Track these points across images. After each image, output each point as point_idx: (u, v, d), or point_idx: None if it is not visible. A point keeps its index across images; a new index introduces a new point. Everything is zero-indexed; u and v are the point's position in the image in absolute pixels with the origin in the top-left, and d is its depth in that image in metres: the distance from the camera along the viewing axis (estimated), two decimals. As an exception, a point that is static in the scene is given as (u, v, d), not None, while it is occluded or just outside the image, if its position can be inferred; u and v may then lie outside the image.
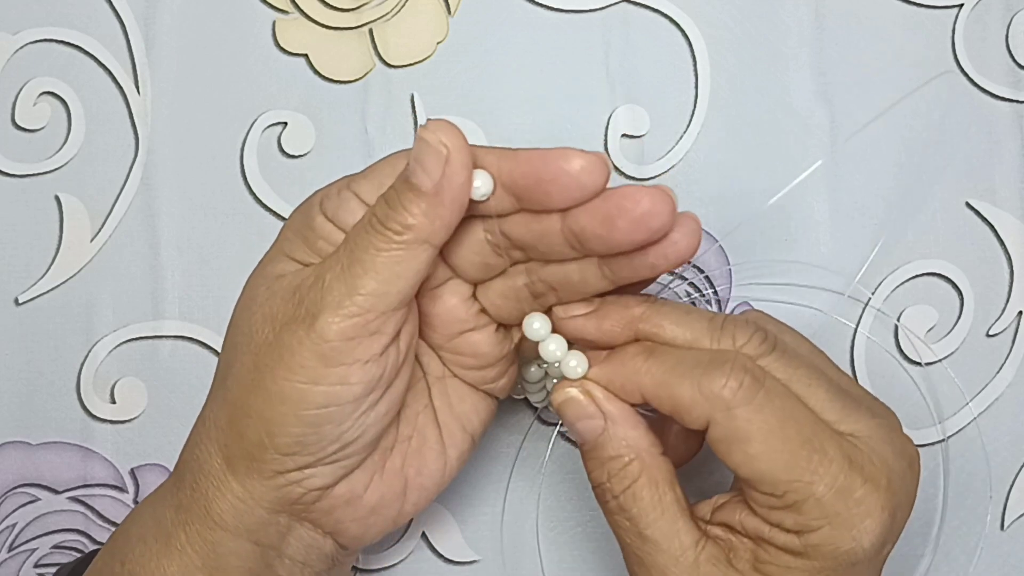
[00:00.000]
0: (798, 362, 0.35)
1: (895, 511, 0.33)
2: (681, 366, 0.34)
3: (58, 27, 0.46)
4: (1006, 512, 0.44)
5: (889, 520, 0.33)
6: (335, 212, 0.34)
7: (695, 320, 0.35)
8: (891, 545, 0.35)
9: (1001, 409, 0.44)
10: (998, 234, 0.45)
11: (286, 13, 0.46)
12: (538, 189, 0.32)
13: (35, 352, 0.45)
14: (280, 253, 0.35)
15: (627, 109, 0.45)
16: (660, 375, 0.34)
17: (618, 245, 0.32)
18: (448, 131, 0.32)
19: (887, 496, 0.33)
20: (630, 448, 0.35)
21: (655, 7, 0.46)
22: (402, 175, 0.33)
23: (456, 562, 0.44)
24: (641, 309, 0.35)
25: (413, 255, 0.32)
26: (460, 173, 0.32)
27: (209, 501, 0.35)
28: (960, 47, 0.45)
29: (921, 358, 0.44)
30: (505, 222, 0.34)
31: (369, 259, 0.32)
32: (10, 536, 0.45)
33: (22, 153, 0.46)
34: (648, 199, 0.31)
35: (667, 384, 0.34)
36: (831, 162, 0.45)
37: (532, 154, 0.32)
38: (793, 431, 0.33)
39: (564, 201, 0.32)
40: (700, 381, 0.33)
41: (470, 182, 0.32)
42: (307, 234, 0.35)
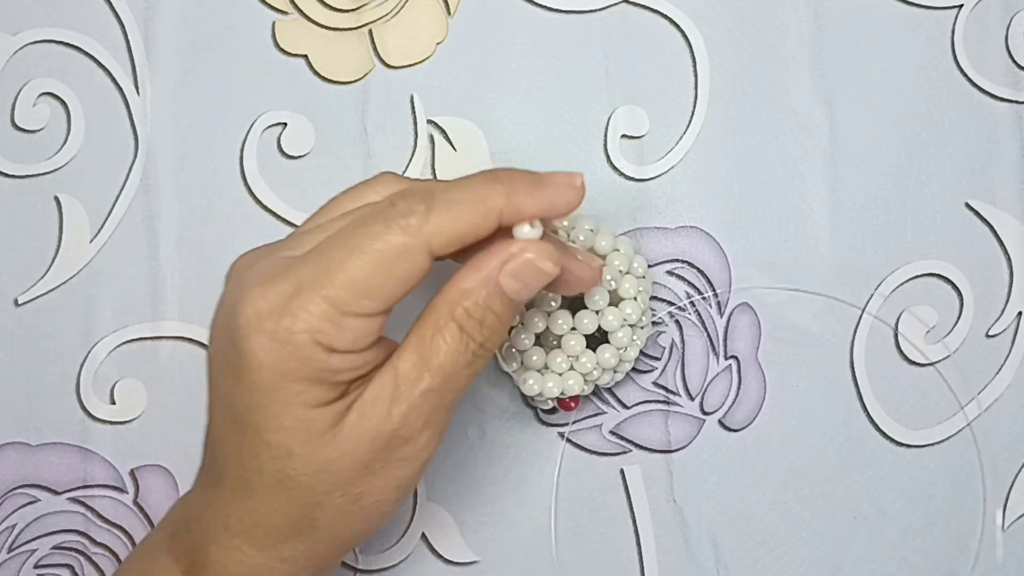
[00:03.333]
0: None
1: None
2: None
3: (58, 28, 0.46)
4: (1006, 512, 0.44)
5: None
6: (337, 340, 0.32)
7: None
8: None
9: (1001, 409, 0.44)
10: (997, 235, 0.45)
11: (286, 14, 0.46)
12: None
13: (35, 353, 0.45)
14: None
15: (627, 109, 0.45)
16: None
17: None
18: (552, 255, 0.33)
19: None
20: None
21: (655, 8, 0.46)
22: (495, 289, 0.33)
23: (456, 563, 0.44)
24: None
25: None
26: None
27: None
28: (960, 48, 0.45)
29: (921, 359, 0.44)
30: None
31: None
32: (10, 537, 0.45)
33: (21, 154, 0.46)
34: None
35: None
36: (831, 162, 0.45)
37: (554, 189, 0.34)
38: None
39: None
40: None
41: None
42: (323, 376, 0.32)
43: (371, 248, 0.31)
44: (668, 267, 0.45)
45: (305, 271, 0.32)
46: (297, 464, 0.32)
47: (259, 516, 0.33)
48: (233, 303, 0.32)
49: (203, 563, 0.34)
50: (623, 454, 0.44)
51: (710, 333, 0.44)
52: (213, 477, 0.35)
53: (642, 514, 0.44)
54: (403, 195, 0.32)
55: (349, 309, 0.31)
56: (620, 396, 0.44)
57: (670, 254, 0.45)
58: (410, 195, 0.32)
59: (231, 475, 0.34)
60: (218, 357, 0.33)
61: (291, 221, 0.45)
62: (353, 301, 0.31)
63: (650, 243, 0.45)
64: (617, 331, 0.40)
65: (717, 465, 0.44)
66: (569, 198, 0.34)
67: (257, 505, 0.33)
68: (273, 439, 0.32)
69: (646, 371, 0.44)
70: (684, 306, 0.44)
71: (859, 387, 0.44)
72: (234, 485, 0.33)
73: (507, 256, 0.33)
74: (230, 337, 0.32)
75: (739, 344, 0.44)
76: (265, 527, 0.33)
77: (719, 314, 0.44)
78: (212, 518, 0.34)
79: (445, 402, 0.33)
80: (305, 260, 0.32)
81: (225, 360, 0.33)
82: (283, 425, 0.32)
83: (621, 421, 0.44)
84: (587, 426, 0.44)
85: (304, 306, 0.31)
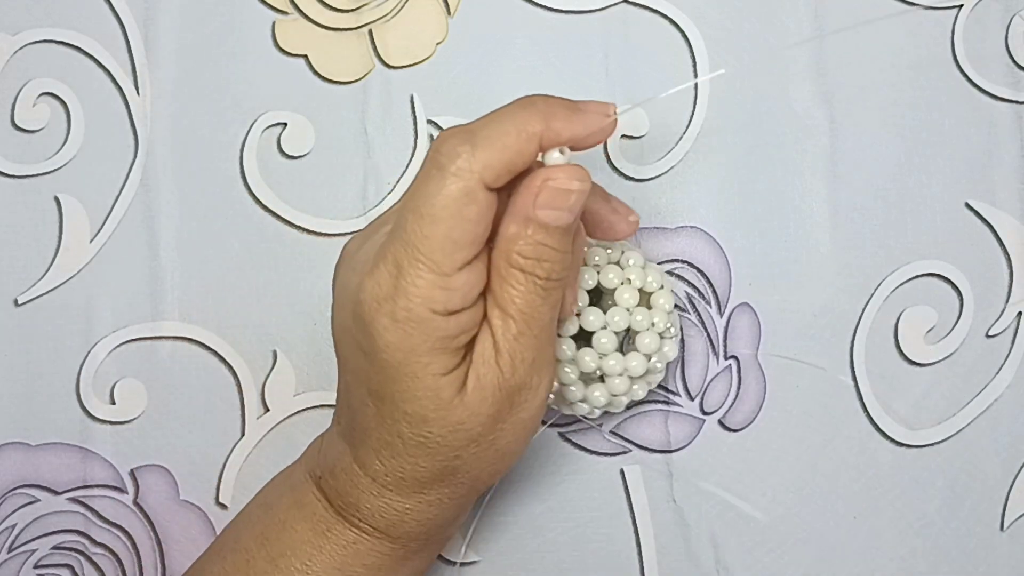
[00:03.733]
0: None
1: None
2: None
3: (57, 28, 0.46)
4: (1006, 512, 0.44)
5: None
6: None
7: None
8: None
9: (1001, 409, 0.44)
10: (997, 235, 0.45)
11: (286, 14, 0.46)
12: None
13: (34, 353, 0.45)
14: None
15: (627, 110, 0.45)
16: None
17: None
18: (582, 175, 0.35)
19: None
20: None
21: (654, 8, 0.46)
22: (536, 224, 0.34)
23: (456, 563, 0.44)
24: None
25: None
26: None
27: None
28: (959, 48, 0.45)
29: (921, 359, 0.44)
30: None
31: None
32: (10, 537, 0.44)
33: (21, 154, 0.46)
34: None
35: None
36: (831, 162, 0.45)
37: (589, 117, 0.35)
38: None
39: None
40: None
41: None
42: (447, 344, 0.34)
43: (436, 207, 0.33)
44: (668, 267, 0.45)
45: (398, 248, 0.33)
46: (433, 428, 0.35)
47: (404, 472, 0.36)
48: (355, 291, 0.35)
49: (355, 507, 0.37)
50: (623, 454, 0.44)
51: (710, 333, 0.44)
52: (357, 436, 0.37)
53: (642, 514, 0.44)
54: (444, 139, 0.34)
55: (449, 268, 0.33)
56: (620, 396, 0.44)
57: (670, 254, 0.45)
58: (451, 137, 0.33)
59: (374, 438, 0.36)
60: (347, 337, 0.36)
61: (291, 221, 0.45)
62: (448, 260, 0.33)
63: (650, 243, 0.45)
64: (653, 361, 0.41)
65: (717, 465, 0.44)
66: (603, 125, 0.35)
67: (402, 463, 0.36)
68: (409, 408, 0.34)
69: (646, 371, 0.44)
70: (684, 307, 0.44)
71: (859, 387, 0.44)
72: (378, 446, 0.36)
73: (534, 191, 0.34)
74: (356, 321, 0.34)
75: (739, 344, 0.44)
76: (410, 480, 0.36)
77: (719, 314, 0.44)
78: (359, 471, 0.37)
79: (540, 340, 0.35)
80: (393, 237, 0.34)
81: (355, 341, 0.35)
82: (416, 396, 0.34)
83: (621, 421, 0.44)
84: (587, 426, 0.44)
85: (412, 282, 0.33)
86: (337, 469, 0.37)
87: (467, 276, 0.33)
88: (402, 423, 0.35)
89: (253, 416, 0.45)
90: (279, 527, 0.38)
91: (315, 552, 0.37)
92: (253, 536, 0.38)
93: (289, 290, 0.45)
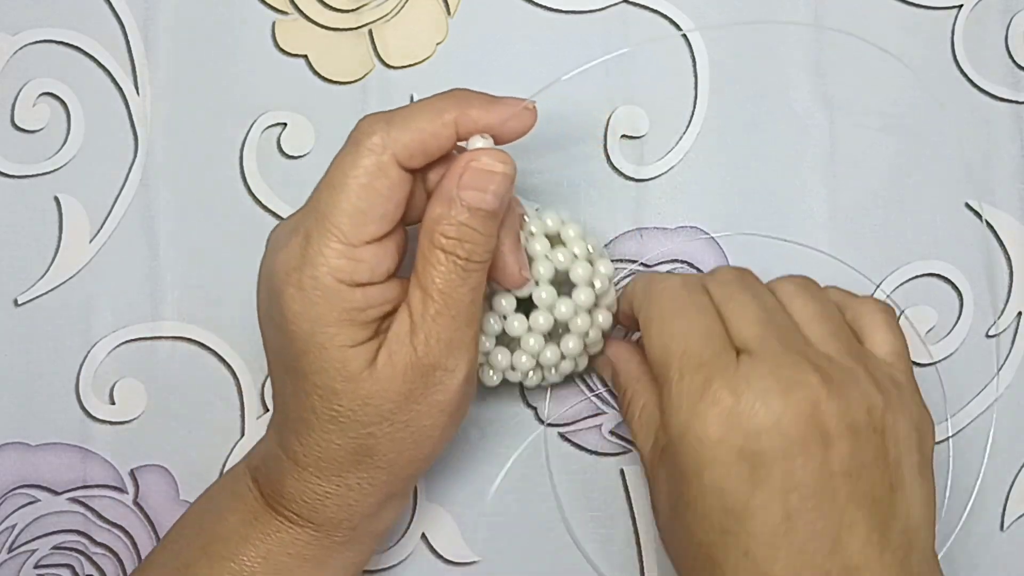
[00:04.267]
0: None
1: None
2: None
3: (57, 28, 0.46)
4: (1006, 512, 0.44)
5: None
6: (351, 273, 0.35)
7: None
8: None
9: (1001, 409, 0.44)
10: (997, 235, 0.45)
11: (286, 14, 0.46)
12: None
13: (34, 353, 0.45)
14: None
15: (627, 110, 0.45)
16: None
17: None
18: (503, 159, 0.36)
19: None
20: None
21: (655, 8, 0.46)
22: (460, 205, 0.35)
23: (456, 563, 0.44)
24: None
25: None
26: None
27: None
28: (959, 48, 0.45)
29: (921, 358, 0.44)
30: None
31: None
32: (10, 537, 0.44)
33: (21, 154, 0.46)
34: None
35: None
36: (830, 162, 0.45)
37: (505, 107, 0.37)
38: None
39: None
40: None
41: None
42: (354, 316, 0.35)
43: (350, 177, 0.35)
44: (668, 267, 0.45)
45: (308, 220, 0.35)
46: (343, 401, 0.35)
47: (320, 450, 0.37)
48: (267, 266, 0.36)
49: (279, 492, 0.38)
50: (623, 454, 0.44)
51: (710, 333, 0.44)
52: (280, 418, 0.38)
53: (642, 514, 0.44)
54: (364, 120, 0.36)
55: (357, 238, 0.34)
56: (620, 396, 0.44)
57: (670, 254, 0.45)
58: (370, 117, 0.36)
59: (292, 416, 0.37)
60: (265, 315, 0.37)
61: (291, 221, 0.45)
62: (356, 230, 0.34)
63: (650, 243, 0.45)
64: (575, 318, 0.40)
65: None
66: (523, 117, 0.37)
67: (317, 439, 0.36)
68: (319, 381, 0.35)
69: (646, 371, 0.44)
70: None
71: (859, 387, 0.44)
72: (296, 424, 0.37)
73: (459, 171, 0.36)
74: (270, 295, 0.36)
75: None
76: (327, 459, 0.37)
77: (719, 314, 0.44)
78: (283, 454, 0.38)
79: (458, 321, 0.36)
80: (306, 211, 0.36)
81: (269, 316, 0.36)
82: (323, 368, 0.35)
83: (621, 421, 0.44)
84: (587, 426, 0.44)
85: (319, 251, 0.34)
86: (268, 456, 0.39)
87: (375, 250, 0.35)
88: (314, 396, 0.36)
89: (253, 416, 0.45)
90: (214, 517, 0.39)
91: (241, 542, 0.38)
92: (192, 524, 0.40)
93: (289, 290, 0.45)
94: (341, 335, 0.35)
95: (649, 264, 0.45)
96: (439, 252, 0.35)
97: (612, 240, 0.45)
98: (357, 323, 0.35)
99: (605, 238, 0.45)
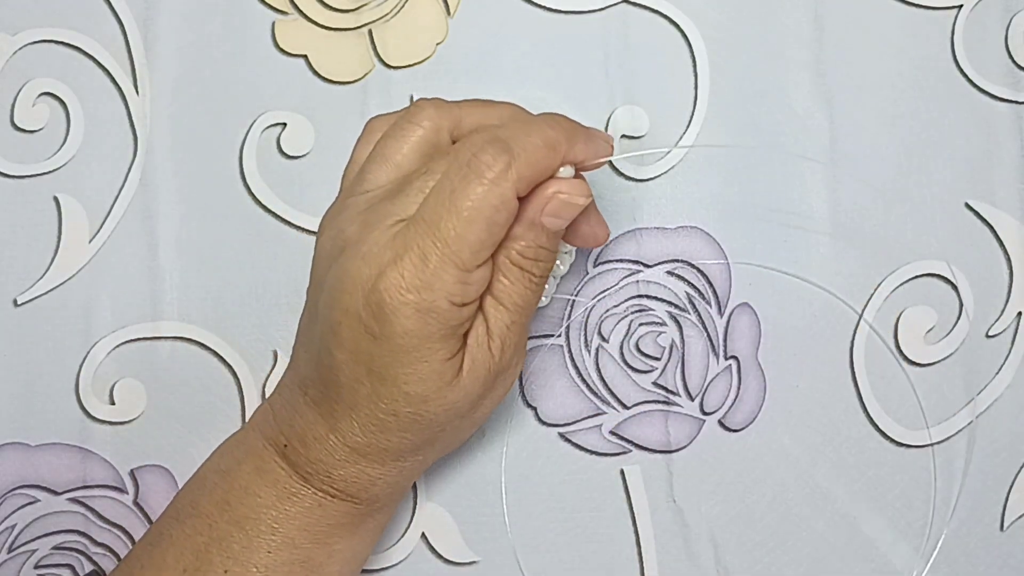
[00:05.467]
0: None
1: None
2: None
3: (57, 28, 0.46)
4: (1005, 513, 0.44)
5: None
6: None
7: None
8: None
9: (1000, 410, 0.44)
10: (997, 235, 0.45)
11: (285, 14, 0.46)
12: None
13: (34, 353, 0.45)
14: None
15: (626, 110, 0.45)
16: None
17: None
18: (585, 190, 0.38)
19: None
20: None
21: (655, 8, 0.46)
22: (540, 229, 0.37)
23: (456, 563, 0.44)
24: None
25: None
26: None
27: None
28: (959, 48, 0.45)
29: (921, 359, 0.45)
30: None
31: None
32: (10, 537, 0.44)
33: (21, 154, 0.46)
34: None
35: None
36: (831, 162, 0.45)
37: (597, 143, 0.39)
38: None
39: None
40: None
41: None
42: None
43: (479, 211, 0.35)
44: (668, 267, 0.45)
45: (425, 241, 0.35)
46: (431, 407, 0.37)
47: (390, 445, 0.38)
48: (371, 278, 0.36)
49: (326, 473, 0.38)
50: (623, 454, 0.44)
51: (710, 333, 0.44)
52: (340, 409, 0.38)
53: (642, 514, 0.44)
54: (483, 148, 0.36)
55: (471, 265, 0.36)
56: (620, 396, 0.44)
57: (670, 254, 0.45)
58: (489, 147, 0.36)
59: (364, 414, 0.37)
60: (351, 321, 0.36)
61: (291, 221, 0.45)
62: (473, 258, 0.36)
63: (650, 243, 0.45)
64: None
65: (717, 465, 0.44)
66: (606, 151, 0.39)
67: (390, 438, 0.38)
68: (412, 390, 0.36)
69: (646, 371, 0.44)
70: (684, 305, 0.45)
71: (859, 387, 0.44)
72: (366, 422, 0.37)
73: (545, 200, 0.37)
74: (370, 307, 0.36)
75: (739, 344, 0.44)
76: (392, 451, 0.38)
77: (719, 314, 0.45)
78: (338, 441, 0.38)
79: (522, 330, 0.39)
80: (420, 229, 0.36)
81: (363, 325, 0.36)
82: (422, 378, 0.36)
83: (621, 421, 0.44)
84: (587, 426, 0.44)
85: (439, 276, 0.35)
86: (308, 438, 0.39)
87: (483, 272, 0.36)
88: (400, 402, 0.37)
89: (253, 416, 0.45)
90: (241, 492, 0.39)
91: (280, 515, 0.39)
92: (213, 501, 0.39)
93: (289, 290, 0.45)
94: (444, 349, 0.36)
95: (649, 264, 0.45)
96: (516, 269, 0.37)
97: (611, 240, 0.45)
98: (456, 337, 0.37)
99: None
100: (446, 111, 0.39)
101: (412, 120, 0.39)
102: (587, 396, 0.44)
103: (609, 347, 0.44)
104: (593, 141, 0.38)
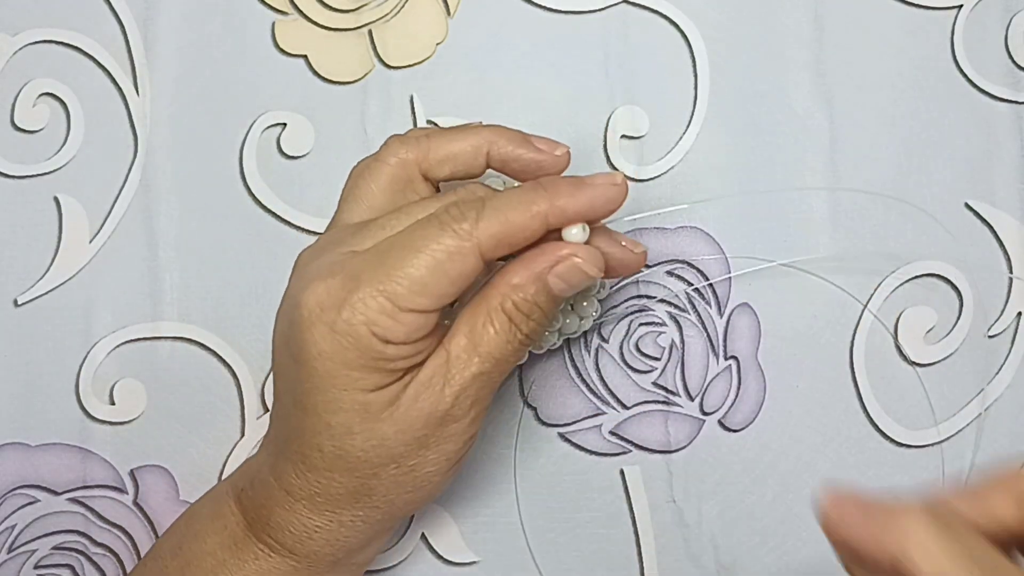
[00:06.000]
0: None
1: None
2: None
3: (57, 28, 0.46)
4: (1006, 512, 0.44)
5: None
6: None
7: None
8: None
9: (1001, 410, 0.44)
10: (997, 235, 0.45)
11: (285, 14, 0.46)
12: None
13: (34, 353, 0.45)
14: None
15: (626, 110, 0.45)
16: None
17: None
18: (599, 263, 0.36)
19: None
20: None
21: (655, 8, 0.46)
22: (543, 286, 0.35)
23: (456, 563, 0.44)
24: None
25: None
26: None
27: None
28: (959, 48, 0.45)
29: (921, 359, 0.45)
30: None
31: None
32: (10, 537, 0.44)
33: (21, 154, 0.46)
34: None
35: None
36: (831, 162, 0.45)
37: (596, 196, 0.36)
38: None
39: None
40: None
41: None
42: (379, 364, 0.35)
43: (427, 248, 0.34)
44: (668, 267, 0.45)
45: (365, 267, 0.34)
46: (356, 441, 0.35)
47: (319, 487, 0.36)
48: (296, 295, 0.35)
49: (266, 519, 0.37)
50: (623, 454, 0.44)
51: (710, 333, 0.44)
52: (278, 446, 0.37)
53: (642, 514, 0.44)
54: (456, 203, 0.35)
55: (405, 305, 0.34)
56: (620, 396, 0.44)
57: (670, 254, 0.45)
58: (462, 203, 0.35)
59: (293, 449, 0.36)
60: (282, 344, 0.36)
61: (291, 221, 0.45)
62: (409, 297, 0.34)
63: (650, 243, 0.45)
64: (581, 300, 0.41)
65: (717, 465, 0.44)
66: (611, 195, 0.36)
67: (318, 477, 0.36)
68: (333, 420, 0.35)
69: (646, 371, 0.44)
70: (684, 306, 0.45)
71: (859, 387, 0.44)
72: (296, 459, 0.36)
73: (556, 258, 0.35)
74: (292, 327, 0.35)
75: (739, 344, 0.44)
76: (324, 496, 0.36)
77: (719, 314, 0.45)
78: (275, 483, 0.37)
79: (491, 384, 0.36)
80: (366, 256, 0.35)
81: (288, 348, 0.35)
82: (342, 408, 0.34)
83: (621, 421, 0.44)
84: (587, 426, 0.44)
85: (363, 299, 0.33)
86: (256, 480, 0.38)
87: (416, 319, 0.34)
88: (323, 435, 0.35)
89: (253, 416, 0.45)
90: (193, 538, 0.39)
91: (218, 565, 0.37)
92: (170, 545, 0.39)
93: (289, 290, 0.45)
94: (364, 380, 0.34)
95: (650, 264, 0.45)
96: (504, 318, 0.35)
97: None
98: (383, 371, 0.34)
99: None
100: (412, 145, 0.37)
101: (379, 159, 0.38)
102: (587, 396, 0.44)
103: (609, 347, 0.44)
104: (585, 190, 0.35)
